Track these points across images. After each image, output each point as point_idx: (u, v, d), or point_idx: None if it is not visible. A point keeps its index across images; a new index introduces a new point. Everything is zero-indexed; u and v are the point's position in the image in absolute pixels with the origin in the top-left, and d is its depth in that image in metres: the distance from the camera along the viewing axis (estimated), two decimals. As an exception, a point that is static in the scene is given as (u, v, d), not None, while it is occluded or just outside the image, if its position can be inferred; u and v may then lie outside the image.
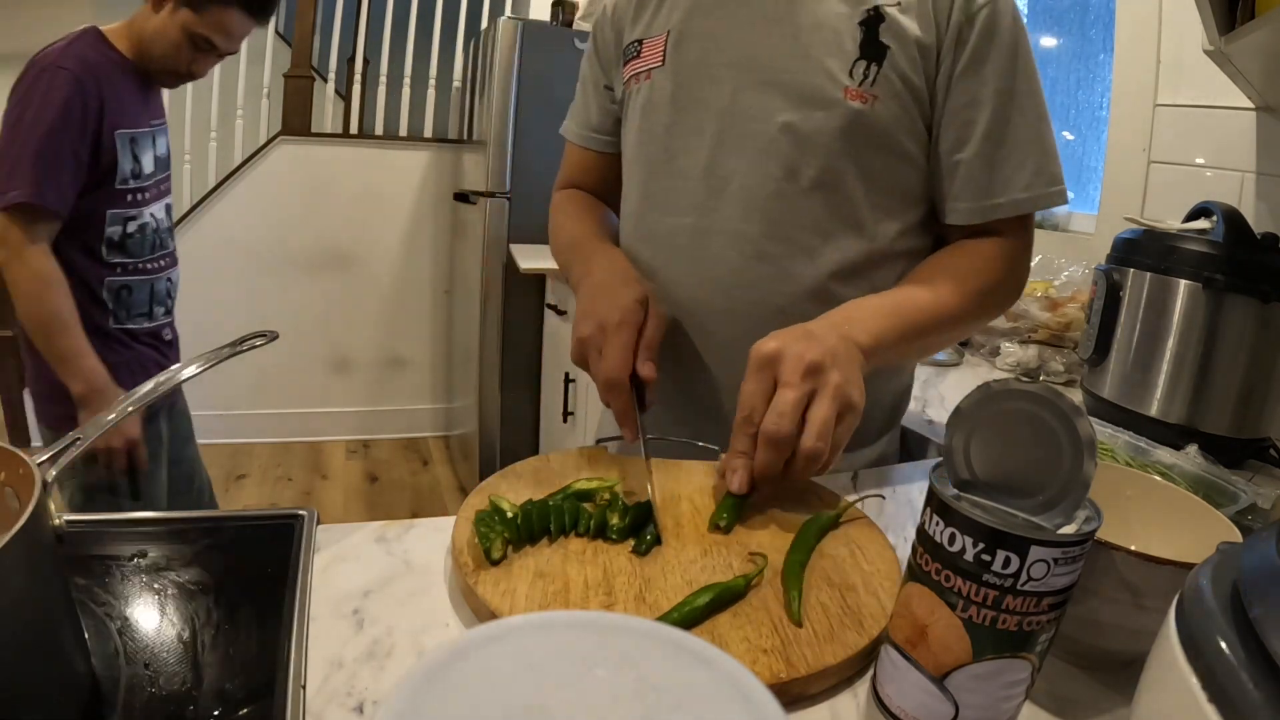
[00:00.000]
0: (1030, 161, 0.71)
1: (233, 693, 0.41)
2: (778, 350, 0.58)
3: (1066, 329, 1.30)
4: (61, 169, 1.22)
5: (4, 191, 1.19)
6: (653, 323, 0.68)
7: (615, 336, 0.65)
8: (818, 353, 0.58)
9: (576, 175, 0.95)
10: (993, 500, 0.39)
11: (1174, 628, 0.29)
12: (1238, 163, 1.24)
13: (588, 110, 0.90)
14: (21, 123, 1.20)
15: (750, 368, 0.59)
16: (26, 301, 1.25)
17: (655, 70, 0.78)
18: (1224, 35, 0.84)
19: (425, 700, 0.26)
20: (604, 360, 0.65)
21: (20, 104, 1.21)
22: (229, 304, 3.16)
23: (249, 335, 0.54)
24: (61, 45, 1.26)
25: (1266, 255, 0.91)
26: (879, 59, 0.69)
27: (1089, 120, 1.82)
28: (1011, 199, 0.71)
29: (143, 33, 1.31)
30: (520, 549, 0.53)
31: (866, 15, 0.69)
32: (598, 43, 0.88)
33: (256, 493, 2.91)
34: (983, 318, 0.77)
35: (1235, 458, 0.92)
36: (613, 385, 0.65)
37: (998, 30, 0.69)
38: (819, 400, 0.57)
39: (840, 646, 0.45)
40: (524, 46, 2.44)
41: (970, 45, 0.69)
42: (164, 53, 1.32)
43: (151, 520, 0.60)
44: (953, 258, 0.75)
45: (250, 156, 3.12)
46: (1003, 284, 0.75)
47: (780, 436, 0.56)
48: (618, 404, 0.65)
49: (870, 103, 0.69)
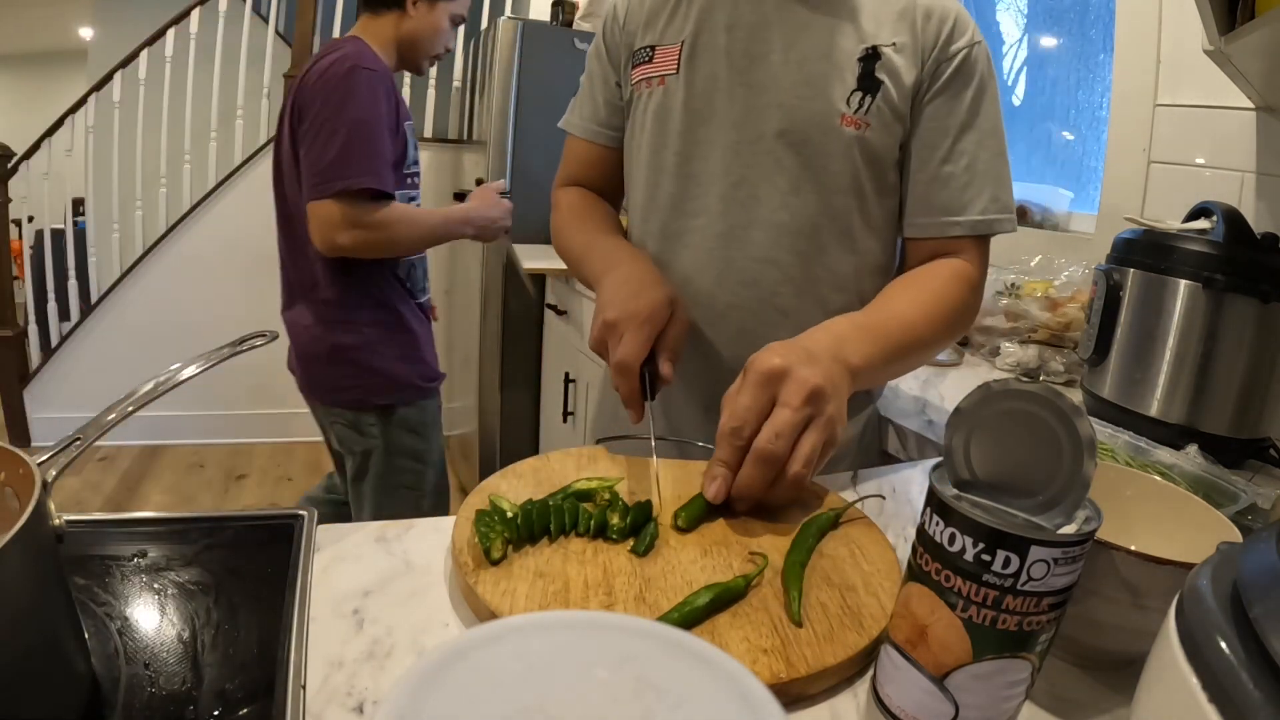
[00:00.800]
0: (988, 189, 0.78)
1: (233, 693, 0.41)
2: (783, 369, 0.58)
3: (1066, 329, 1.30)
4: (385, 156, 1.36)
5: (349, 177, 1.32)
6: (677, 325, 0.71)
7: (639, 327, 0.67)
8: (821, 379, 0.58)
9: (579, 170, 0.96)
10: (993, 500, 0.39)
11: (1174, 628, 0.29)
12: (1238, 163, 1.24)
13: (594, 104, 0.92)
14: (346, 116, 1.32)
15: (749, 380, 0.59)
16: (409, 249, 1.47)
17: (669, 77, 0.82)
18: (1224, 35, 0.84)
19: (425, 700, 0.26)
20: (622, 345, 0.67)
21: (339, 101, 1.33)
22: (229, 304, 3.16)
23: (249, 335, 0.53)
24: (351, 49, 1.37)
25: (1266, 255, 0.90)
26: (873, 91, 0.76)
27: (1089, 120, 1.82)
28: (969, 219, 0.78)
29: (407, 34, 1.46)
30: (520, 549, 0.53)
31: (865, 53, 0.77)
32: (607, 42, 0.90)
33: (256, 493, 2.91)
34: (948, 341, 0.82)
35: (1235, 458, 0.92)
36: (626, 369, 0.66)
37: (970, 72, 0.77)
38: (813, 429, 0.58)
39: (840, 646, 0.45)
40: (524, 46, 2.44)
41: (944, 78, 0.77)
42: (432, 42, 1.51)
43: (151, 520, 0.60)
44: (921, 282, 0.78)
45: (250, 156, 3.12)
46: (966, 306, 0.79)
47: (774, 456, 0.57)
48: (626, 388, 0.67)
49: (864, 129, 0.77)
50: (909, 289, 0.77)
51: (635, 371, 0.67)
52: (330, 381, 1.52)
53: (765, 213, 0.79)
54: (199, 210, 3.10)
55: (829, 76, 0.76)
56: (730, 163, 0.79)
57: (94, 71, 3.96)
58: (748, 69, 0.78)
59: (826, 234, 0.80)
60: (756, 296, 0.81)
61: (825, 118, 0.76)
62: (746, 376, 0.60)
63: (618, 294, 0.71)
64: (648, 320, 0.68)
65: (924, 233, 0.80)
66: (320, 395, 1.55)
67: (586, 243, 0.87)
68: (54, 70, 6.29)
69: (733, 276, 0.81)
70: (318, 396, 1.56)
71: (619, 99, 0.90)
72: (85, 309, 3.08)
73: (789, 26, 0.78)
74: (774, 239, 0.79)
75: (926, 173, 0.79)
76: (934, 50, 0.77)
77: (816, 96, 0.76)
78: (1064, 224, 1.73)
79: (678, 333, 0.71)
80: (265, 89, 3.14)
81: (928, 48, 0.77)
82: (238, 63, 3.09)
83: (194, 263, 3.13)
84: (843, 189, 0.78)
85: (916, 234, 0.81)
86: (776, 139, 0.78)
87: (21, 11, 3.10)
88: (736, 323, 0.82)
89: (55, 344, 3.06)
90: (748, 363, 0.61)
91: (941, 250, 0.80)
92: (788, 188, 0.78)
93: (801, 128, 0.77)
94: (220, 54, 3.06)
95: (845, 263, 0.81)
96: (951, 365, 1.35)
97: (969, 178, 0.77)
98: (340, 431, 1.54)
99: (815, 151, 0.77)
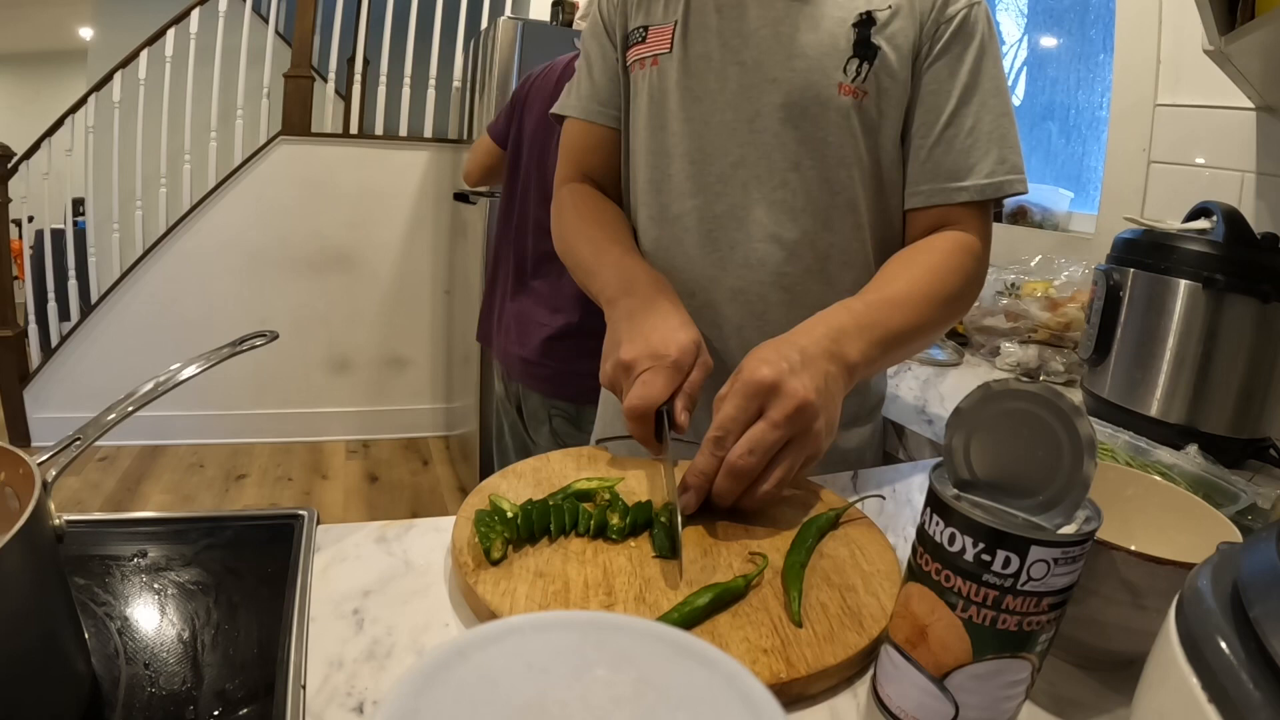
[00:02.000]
0: (994, 151, 0.75)
1: (233, 693, 0.41)
2: (773, 382, 0.57)
3: (1066, 329, 1.30)
4: None
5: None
6: (699, 371, 0.66)
7: (663, 370, 0.63)
8: (810, 392, 0.57)
9: (582, 157, 0.91)
10: (993, 500, 0.39)
11: (1174, 628, 0.29)
12: (1238, 163, 1.24)
13: (593, 84, 0.89)
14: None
15: (736, 389, 0.58)
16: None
17: (663, 56, 0.81)
18: (1224, 35, 0.84)
19: (425, 700, 0.26)
20: (641, 386, 0.62)
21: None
22: (229, 304, 3.17)
23: (249, 335, 0.53)
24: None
25: (1266, 255, 0.90)
26: (870, 58, 0.75)
27: (1089, 120, 1.82)
28: (975, 183, 0.76)
29: None
30: (520, 549, 0.53)
31: (859, 18, 0.75)
32: (605, 19, 0.88)
33: (256, 493, 2.91)
34: (953, 320, 0.79)
35: (1235, 458, 0.92)
36: (643, 415, 0.62)
37: (970, 32, 0.75)
38: (793, 448, 0.57)
39: (840, 647, 0.45)
40: (524, 46, 2.44)
41: (943, 41, 0.75)
42: None
43: (151, 520, 0.60)
44: (922, 259, 0.75)
45: (250, 156, 3.12)
46: (971, 279, 0.76)
47: (745, 472, 0.56)
48: (641, 432, 0.63)
49: (861, 98, 0.75)
50: (910, 267, 0.75)
51: (651, 417, 0.62)
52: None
53: (766, 191, 0.77)
54: (199, 210, 3.09)
55: (823, 46, 0.75)
56: (727, 142, 0.78)
57: (94, 71, 3.96)
58: (740, 48, 0.77)
59: (830, 209, 0.78)
60: (760, 278, 0.79)
61: (822, 89, 0.75)
62: (735, 384, 0.58)
63: (642, 332, 0.67)
64: (675, 364, 0.64)
65: (929, 200, 0.77)
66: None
67: (595, 251, 0.82)
68: (54, 70, 6.29)
69: (736, 258, 0.79)
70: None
71: (619, 77, 0.88)
72: (85, 309, 3.08)
73: (774, 5, 0.76)
74: (776, 217, 0.78)
75: (929, 138, 0.76)
76: (932, 12, 0.75)
77: (812, 69, 0.75)
78: (1064, 224, 1.73)
79: (697, 377, 0.66)
80: (265, 89, 3.14)
81: (925, 10, 0.75)
82: (238, 63, 3.09)
83: (194, 263, 3.13)
84: (843, 161, 0.77)
85: (921, 202, 0.78)
86: (773, 116, 0.76)
87: (21, 11, 3.10)
88: (742, 306, 0.80)
89: (55, 344, 3.06)
90: (740, 366, 0.60)
91: (944, 220, 0.77)
92: (787, 165, 0.77)
93: (799, 101, 0.75)
94: (220, 54, 3.06)
95: (852, 238, 0.79)
96: (951, 365, 1.35)
97: (972, 140, 0.75)
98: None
99: (814, 125, 0.76)
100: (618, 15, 0.86)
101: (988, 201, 0.77)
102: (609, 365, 0.67)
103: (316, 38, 3.20)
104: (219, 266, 3.15)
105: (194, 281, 3.15)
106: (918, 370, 1.29)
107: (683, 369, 0.64)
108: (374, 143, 3.27)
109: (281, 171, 3.16)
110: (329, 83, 3.29)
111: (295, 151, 3.16)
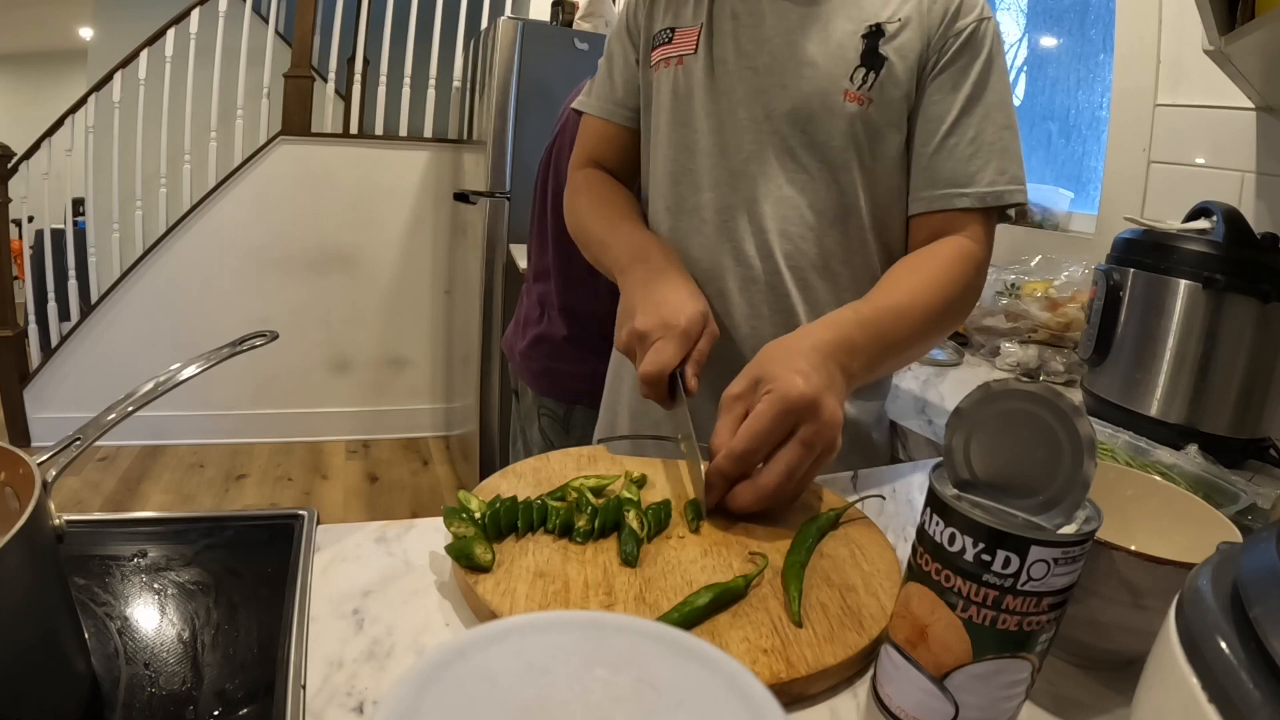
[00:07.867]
0: (995, 161, 0.77)
1: (233, 693, 0.41)
2: (812, 401, 0.57)
3: (1066, 329, 1.29)
4: None
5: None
6: (706, 339, 0.70)
7: (674, 339, 0.68)
8: (839, 411, 0.59)
9: (597, 146, 0.97)
10: (993, 500, 0.39)
11: (1174, 628, 0.29)
12: (1238, 163, 1.24)
13: (612, 84, 0.94)
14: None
15: (774, 403, 0.57)
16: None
17: (688, 57, 0.84)
18: (1224, 35, 0.84)
19: (425, 700, 0.26)
20: (655, 353, 0.67)
21: None
22: (229, 304, 3.16)
23: (249, 335, 0.53)
24: None
25: (1266, 255, 0.90)
26: (877, 68, 0.77)
27: (1089, 120, 1.82)
28: (976, 191, 0.77)
29: None
30: (523, 549, 0.52)
31: (869, 30, 0.78)
32: (630, 22, 0.92)
33: (256, 493, 2.91)
34: (951, 328, 0.82)
35: (1235, 458, 0.92)
36: (657, 380, 0.66)
37: (978, 46, 0.77)
38: (815, 466, 0.59)
39: (840, 647, 0.45)
40: (524, 46, 2.44)
41: (950, 53, 0.77)
42: None
43: (151, 520, 0.60)
44: (923, 267, 0.77)
45: (250, 156, 3.12)
46: (969, 287, 0.78)
47: (780, 496, 0.58)
48: (656, 394, 0.67)
49: (867, 105, 0.78)
50: (912, 276, 0.76)
51: (665, 381, 0.67)
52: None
53: (775, 187, 0.81)
54: (199, 210, 3.09)
55: (832, 56, 0.78)
56: (744, 139, 0.81)
57: (94, 71, 3.96)
58: (755, 54, 0.80)
59: (834, 209, 0.81)
60: (770, 269, 0.82)
61: (828, 95, 0.78)
62: (770, 398, 0.58)
63: (655, 303, 0.71)
64: (684, 333, 0.68)
65: (930, 206, 0.80)
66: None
67: (609, 227, 0.87)
68: (54, 70, 6.29)
69: (748, 250, 0.82)
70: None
71: (638, 79, 0.91)
72: (85, 309, 3.08)
73: (788, 16, 0.80)
74: (784, 213, 0.81)
75: (931, 146, 0.78)
76: (940, 26, 0.77)
77: (820, 76, 0.78)
78: (1064, 224, 1.73)
79: (704, 346, 0.70)
80: (265, 89, 3.14)
81: (934, 24, 0.77)
82: (238, 63, 3.09)
83: (194, 263, 3.13)
84: (846, 166, 0.79)
85: (923, 208, 0.80)
86: (783, 119, 0.79)
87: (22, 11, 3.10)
88: (753, 295, 0.83)
89: (55, 344, 3.06)
90: (764, 370, 0.60)
91: (947, 227, 0.79)
92: (795, 166, 0.80)
93: (805, 106, 0.78)
94: (220, 54, 3.06)
95: (855, 238, 0.82)
96: (951, 365, 1.35)
97: (974, 149, 0.77)
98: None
99: (819, 129, 0.79)
100: (644, 17, 0.90)
101: (990, 210, 0.79)
102: (624, 332, 0.71)
103: (316, 38, 3.19)
104: (219, 266, 3.15)
105: (194, 281, 3.14)
106: (918, 370, 1.29)
107: (692, 337, 0.69)
108: (374, 143, 3.27)
109: (281, 171, 3.16)
110: (329, 83, 3.28)
111: (295, 151, 3.16)
